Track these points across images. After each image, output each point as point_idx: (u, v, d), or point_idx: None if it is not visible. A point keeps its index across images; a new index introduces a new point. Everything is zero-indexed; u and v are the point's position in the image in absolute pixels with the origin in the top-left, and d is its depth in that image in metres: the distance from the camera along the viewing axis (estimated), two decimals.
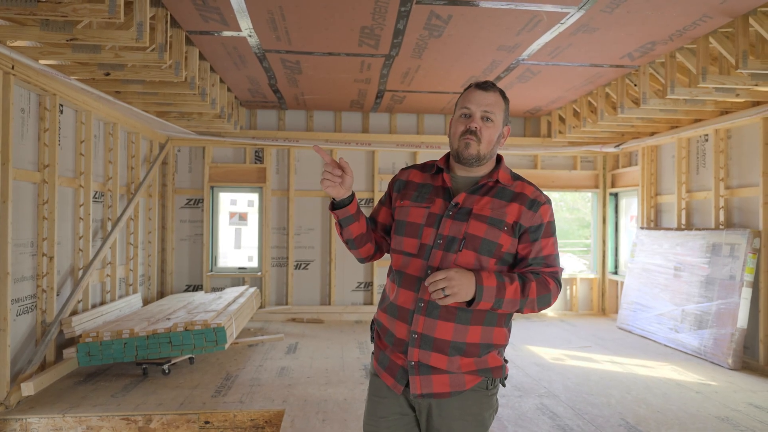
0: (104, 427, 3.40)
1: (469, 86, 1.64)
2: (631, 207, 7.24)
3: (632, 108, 4.98)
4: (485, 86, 1.61)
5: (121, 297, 5.38)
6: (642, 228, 6.35)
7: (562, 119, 6.59)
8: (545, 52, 4.34)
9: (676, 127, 5.80)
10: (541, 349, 5.33)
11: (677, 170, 5.87)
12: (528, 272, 1.57)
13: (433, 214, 1.59)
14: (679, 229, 5.76)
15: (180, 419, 3.45)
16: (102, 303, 5.02)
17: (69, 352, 4.18)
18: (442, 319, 1.53)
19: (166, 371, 4.25)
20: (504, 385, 1.66)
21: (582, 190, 7.38)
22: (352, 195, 1.62)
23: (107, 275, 5.12)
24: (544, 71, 4.90)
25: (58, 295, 4.24)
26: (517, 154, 7.13)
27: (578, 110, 6.08)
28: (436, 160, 1.74)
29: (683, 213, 5.81)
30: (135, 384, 4.03)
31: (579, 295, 7.29)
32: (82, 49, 3.39)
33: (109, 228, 5.13)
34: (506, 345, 1.64)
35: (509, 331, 1.64)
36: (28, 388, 3.60)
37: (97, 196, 4.98)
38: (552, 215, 1.62)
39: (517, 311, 1.54)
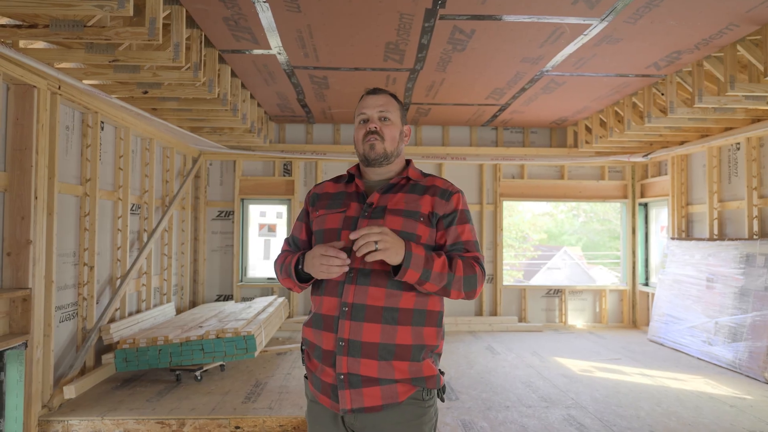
0: (140, 430, 3.53)
1: (361, 96, 1.70)
2: (660, 217, 7.12)
3: (660, 117, 4.94)
4: (375, 91, 1.68)
5: (155, 306, 5.57)
6: (673, 238, 6.24)
7: (588, 129, 6.56)
8: (569, 63, 4.36)
9: (707, 135, 5.72)
10: (568, 360, 5.27)
11: (708, 179, 5.77)
12: (452, 253, 1.56)
13: (349, 217, 1.59)
14: (711, 239, 5.65)
15: (212, 424, 3.55)
16: (138, 311, 5.21)
17: (107, 358, 4.36)
18: (368, 321, 1.48)
19: (199, 377, 4.38)
20: (443, 400, 1.58)
21: (610, 200, 7.30)
22: None
23: (143, 285, 5.31)
24: (568, 82, 4.92)
25: (97, 303, 4.43)
26: (543, 165, 7.11)
27: (605, 120, 6.05)
28: (346, 173, 1.76)
29: (715, 223, 5.69)
30: (169, 389, 4.17)
31: (608, 307, 7.18)
32: (122, 69, 3.59)
33: (145, 239, 5.34)
34: (439, 347, 1.57)
35: (442, 333, 1.58)
36: (69, 392, 3.78)
37: (134, 208, 5.20)
38: (465, 204, 1.63)
39: (444, 290, 1.49)
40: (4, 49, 3.03)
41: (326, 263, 1.45)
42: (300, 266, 1.57)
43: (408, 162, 1.74)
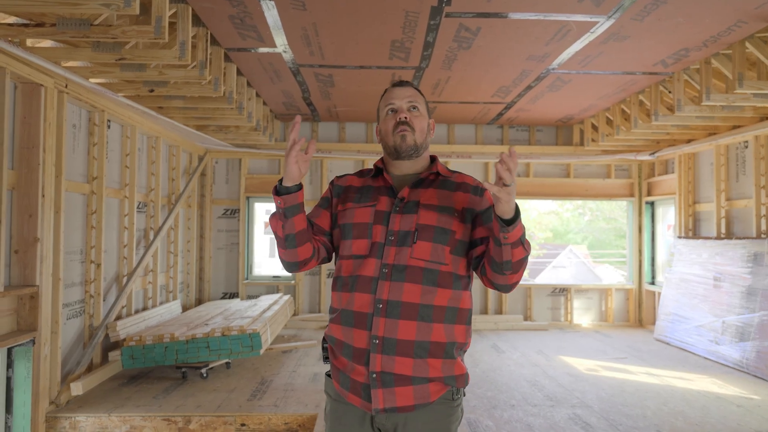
0: (146, 426, 3.56)
1: (386, 89, 1.67)
2: (667, 215, 7.08)
3: (667, 115, 4.91)
4: (401, 83, 1.65)
5: (161, 303, 5.59)
6: (680, 237, 6.21)
7: (594, 127, 6.53)
8: (576, 60, 4.34)
9: (714, 133, 5.68)
10: (574, 359, 5.26)
11: (716, 178, 5.73)
12: None
13: (380, 211, 1.56)
14: (718, 238, 5.61)
15: (217, 421, 3.57)
16: (144, 309, 5.24)
17: (114, 355, 4.39)
18: (403, 318, 1.46)
19: (204, 375, 4.40)
20: (464, 394, 1.59)
21: (617, 198, 7.26)
22: (300, 185, 1.50)
23: (149, 282, 5.34)
24: (575, 80, 4.89)
25: (104, 300, 4.46)
26: (549, 163, 7.08)
27: (611, 118, 6.02)
28: (370, 167, 1.72)
29: (723, 222, 5.65)
30: (175, 387, 4.19)
31: (614, 305, 7.15)
32: (129, 68, 3.60)
33: (151, 237, 5.36)
34: (468, 345, 1.57)
35: (470, 331, 1.58)
36: (77, 388, 3.80)
37: (140, 206, 5.23)
38: None
39: (521, 263, 1.45)
40: (11, 47, 3.05)
41: (290, 143, 1.42)
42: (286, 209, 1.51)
43: (434, 158, 1.71)
